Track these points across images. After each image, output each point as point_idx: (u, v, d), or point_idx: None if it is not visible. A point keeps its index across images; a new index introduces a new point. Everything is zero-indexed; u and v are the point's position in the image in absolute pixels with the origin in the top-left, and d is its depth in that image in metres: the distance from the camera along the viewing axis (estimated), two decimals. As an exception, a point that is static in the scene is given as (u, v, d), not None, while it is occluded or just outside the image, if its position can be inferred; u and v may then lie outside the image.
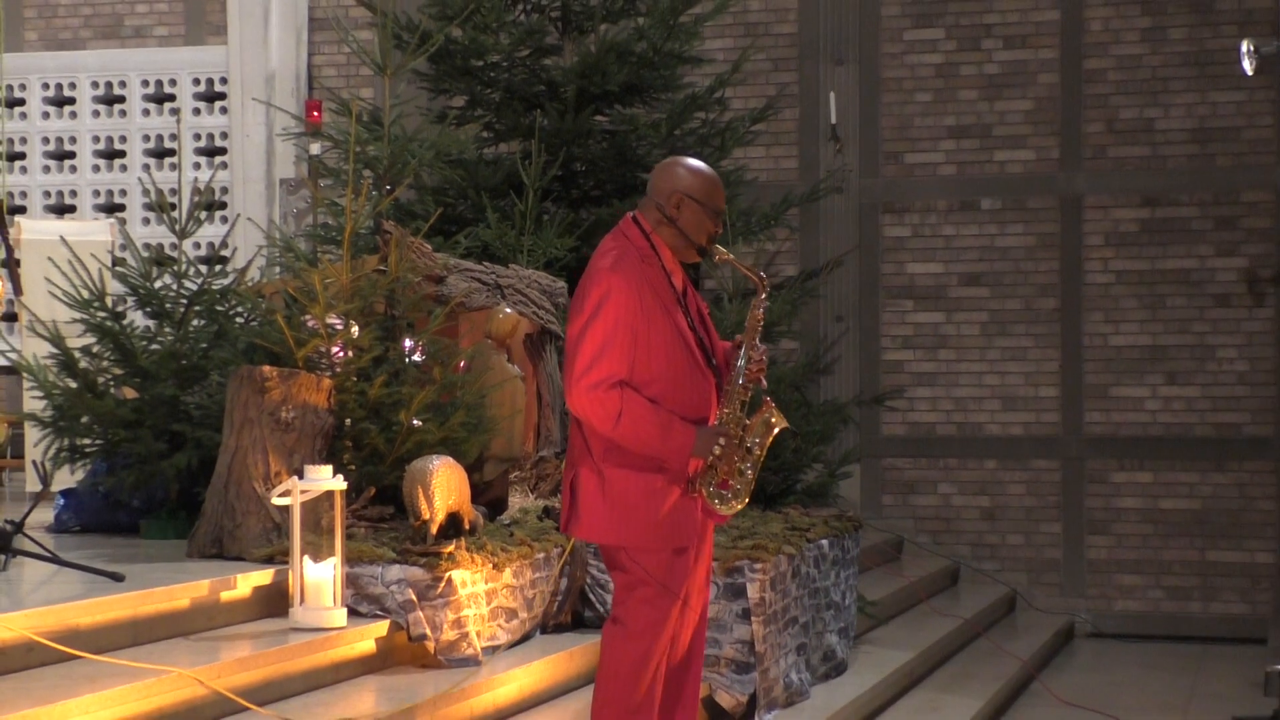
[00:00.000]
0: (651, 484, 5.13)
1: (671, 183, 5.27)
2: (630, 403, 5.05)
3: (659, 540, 5.15)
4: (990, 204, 12.33)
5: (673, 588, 5.18)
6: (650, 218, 5.27)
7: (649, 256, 5.21)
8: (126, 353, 7.58)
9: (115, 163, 13.62)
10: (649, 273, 5.18)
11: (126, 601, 5.72)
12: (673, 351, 5.15)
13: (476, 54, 10.07)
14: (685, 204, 5.23)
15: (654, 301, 5.14)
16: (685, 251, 5.27)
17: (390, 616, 6.34)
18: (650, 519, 5.13)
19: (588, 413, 5.09)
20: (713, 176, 5.31)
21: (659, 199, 5.26)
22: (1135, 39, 12.10)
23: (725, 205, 5.35)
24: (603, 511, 5.16)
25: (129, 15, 13.73)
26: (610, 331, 5.06)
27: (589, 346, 5.07)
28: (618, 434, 5.07)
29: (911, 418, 12.38)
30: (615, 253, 5.19)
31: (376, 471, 7.00)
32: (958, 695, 8.89)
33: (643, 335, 5.10)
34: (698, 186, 5.25)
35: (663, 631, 5.20)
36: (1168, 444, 11.95)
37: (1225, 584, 11.82)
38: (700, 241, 5.26)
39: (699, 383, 5.21)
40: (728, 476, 5.20)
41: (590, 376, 5.05)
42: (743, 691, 7.18)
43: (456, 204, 9.79)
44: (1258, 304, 11.84)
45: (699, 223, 5.24)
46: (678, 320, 5.19)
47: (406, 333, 7.38)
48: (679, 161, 5.34)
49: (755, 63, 12.20)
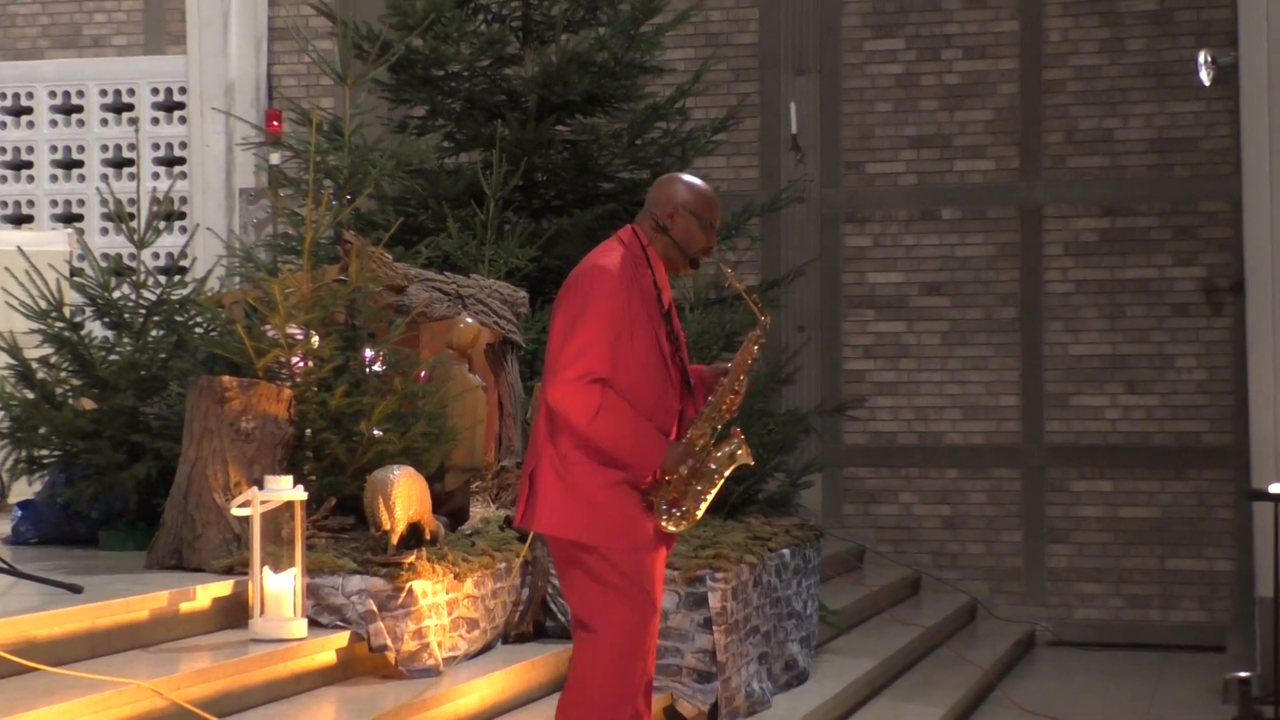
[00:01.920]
0: (613, 481, 5.13)
1: (668, 194, 5.36)
2: (610, 401, 5.07)
3: (617, 539, 5.13)
4: (951, 214, 12.37)
5: (640, 590, 5.16)
6: (647, 228, 5.35)
7: (643, 265, 5.27)
8: (85, 363, 7.53)
9: (73, 172, 13.55)
10: (641, 281, 5.23)
11: (85, 613, 5.69)
12: (649, 363, 5.19)
13: (437, 64, 10.06)
14: (679, 214, 5.31)
15: (641, 310, 5.19)
16: (678, 262, 5.36)
17: (351, 627, 6.32)
18: (608, 516, 5.12)
19: (566, 404, 5.09)
20: (709, 192, 5.41)
21: (655, 210, 5.34)
22: (1094, 50, 12.16)
23: (720, 222, 5.44)
24: (562, 505, 5.15)
25: (87, 25, 13.66)
26: (600, 327, 5.10)
27: (578, 339, 5.10)
28: (592, 430, 5.07)
29: (873, 427, 12.40)
30: (616, 252, 5.26)
31: (337, 482, 6.98)
32: (919, 704, 8.91)
33: (626, 336, 5.14)
34: (693, 199, 5.34)
35: (640, 631, 5.16)
36: (1127, 453, 12.00)
37: (1185, 592, 11.87)
38: (693, 252, 5.34)
39: (667, 399, 5.24)
40: (679, 496, 5.20)
41: (575, 369, 5.07)
42: (704, 701, 7.18)
43: (417, 214, 9.77)
44: (1216, 313, 11.90)
45: (691, 234, 5.31)
46: (659, 337, 5.24)
47: (367, 343, 7.36)
48: (678, 176, 5.45)
49: (716, 73, 12.21)
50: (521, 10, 10.21)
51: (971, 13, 12.34)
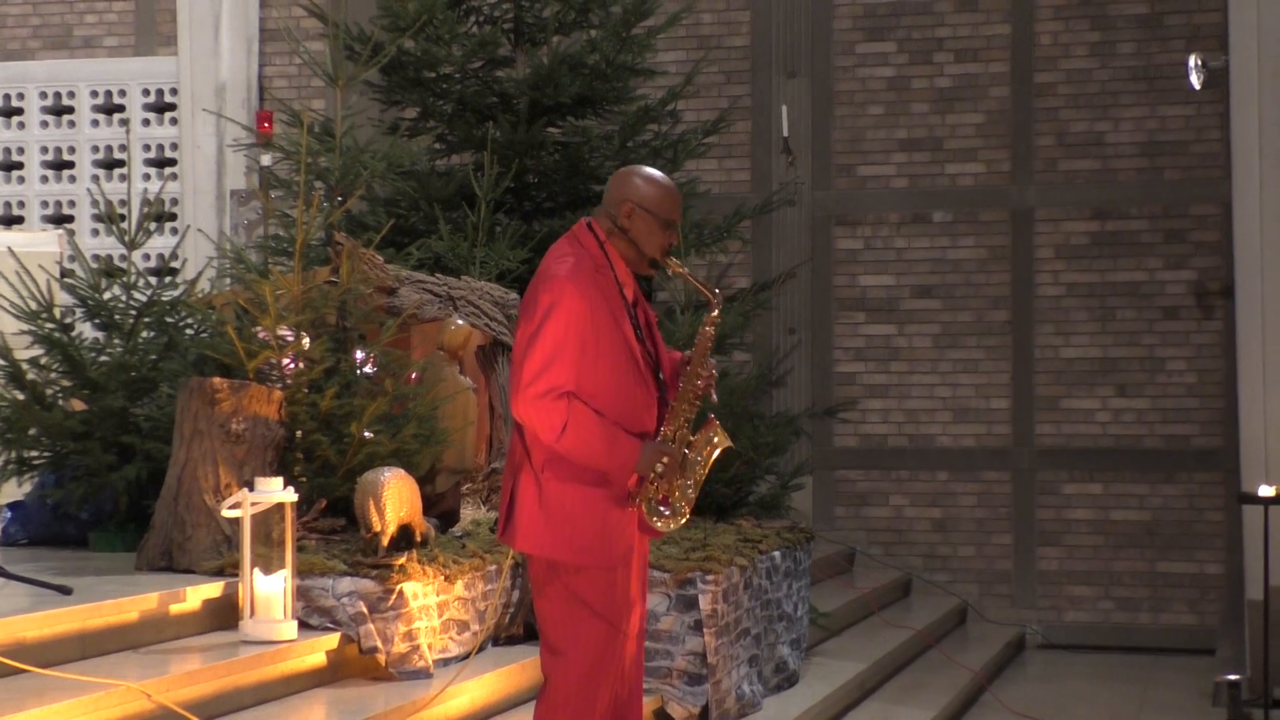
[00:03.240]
0: (590, 497, 5.02)
1: (624, 191, 5.13)
2: (576, 414, 4.94)
3: (595, 556, 5.03)
4: (942, 217, 12.38)
5: (612, 614, 5.08)
6: (603, 226, 5.14)
7: (602, 266, 5.09)
8: (75, 364, 7.53)
9: (64, 174, 13.54)
10: (601, 282, 5.06)
11: (75, 615, 5.68)
12: (619, 363, 5.04)
13: (429, 65, 10.05)
14: (636, 214, 5.10)
15: (604, 311, 5.02)
16: (638, 263, 5.14)
17: (341, 629, 6.31)
18: (587, 532, 5.01)
19: (533, 422, 4.98)
20: (668, 186, 5.16)
21: (612, 208, 5.13)
22: (1085, 53, 12.18)
23: (680, 217, 5.21)
24: (541, 524, 5.04)
25: (78, 25, 13.65)
26: (560, 340, 4.94)
27: (538, 355, 4.95)
28: (562, 446, 4.95)
29: (863, 430, 12.41)
30: (570, 259, 5.06)
31: (328, 483, 6.97)
32: (909, 706, 8.91)
33: (591, 345, 4.98)
34: (650, 196, 5.12)
35: (607, 656, 5.09)
36: (1118, 456, 12.01)
37: (1175, 595, 11.89)
38: (652, 254, 5.13)
39: (643, 396, 5.11)
40: (667, 494, 5.11)
41: (537, 386, 4.93)
42: (695, 703, 7.18)
43: (408, 215, 9.76)
44: (1206, 317, 11.92)
45: (650, 234, 5.11)
46: (626, 332, 5.07)
47: (358, 344, 7.36)
48: (634, 170, 5.21)
49: (708, 75, 12.22)
50: (513, 12, 10.21)
51: (963, 16, 12.36)
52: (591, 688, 5.10)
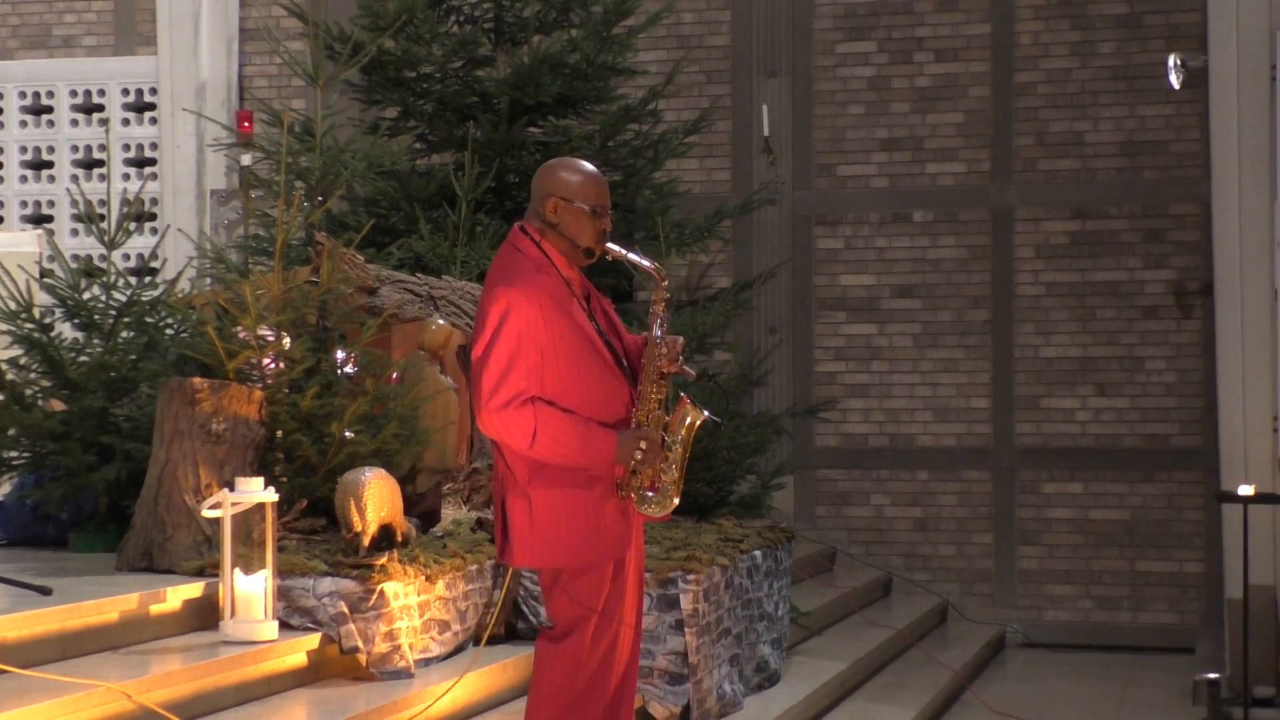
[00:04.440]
0: (579, 498, 5.03)
1: (547, 187, 5.11)
2: (544, 417, 4.92)
3: (588, 557, 5.05)
4: (922, 216, 12.39)
5: (609, 611, 5.11)
6: (535, 226, 5.13)
7: (544, 266, 5.07)
8: (54, 364, 7.51)
9: (43, 173, 13.50)
10: (546, 281, 5.04)
11: (54, 615, 5.67)
12: (581, 358, 5.02)
13: (409, 65, 10.04)
14: (562, 206, 5.07)
15: (555, 310, 5.00)
16: (574, 255, 5.11)
17: (322, 629, 6.30)
18: (579, 533, 5.02)
19: (501, 434, 4.96)
20: (589, 173, 5.13)
21: (537, 205, 5.12)
22: (1065, 53, 12.20)
23: (608, 201, 5.16)
24: (533, 537, 5.05)
25: (57, 25, 13.61)
26: (514, 349, 4.93)
27: (494, 367, 4.93)
28: (536, 452, 4.94)
29: (844, 429, 12.42)
30: (509, 267, 5.05)
31: (308, 483, 6.96)
32: (890, 705, 8.92)
33: (548, 347, 4.96)
34: (572, 186, 5.09)
35: (597, 650, 5.11)
36: (1098, 455, 12.04)
37: (1154, 594, 11.92)
38: (587, 243, 5.10)
39: (613, 386, 5.09)
40: (654, 479, 5.11)
41: (498, 397, 4.92)
42: (676, 703, 7.19)
43: (389, 215, 9.76)
44: (1186, 316, 11.95)
45: (580, 224, 5.09)
46: (583, 326, 5.06)
47: (339, 344, 7.34)
48: (554, 164, 5.18)
49: (688, 75, 12.22)
50: (494, 12, 10.21)
51: (943, 16, 12.37)
52: (593, 683, 5.12)
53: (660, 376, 5.12)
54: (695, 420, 5.17)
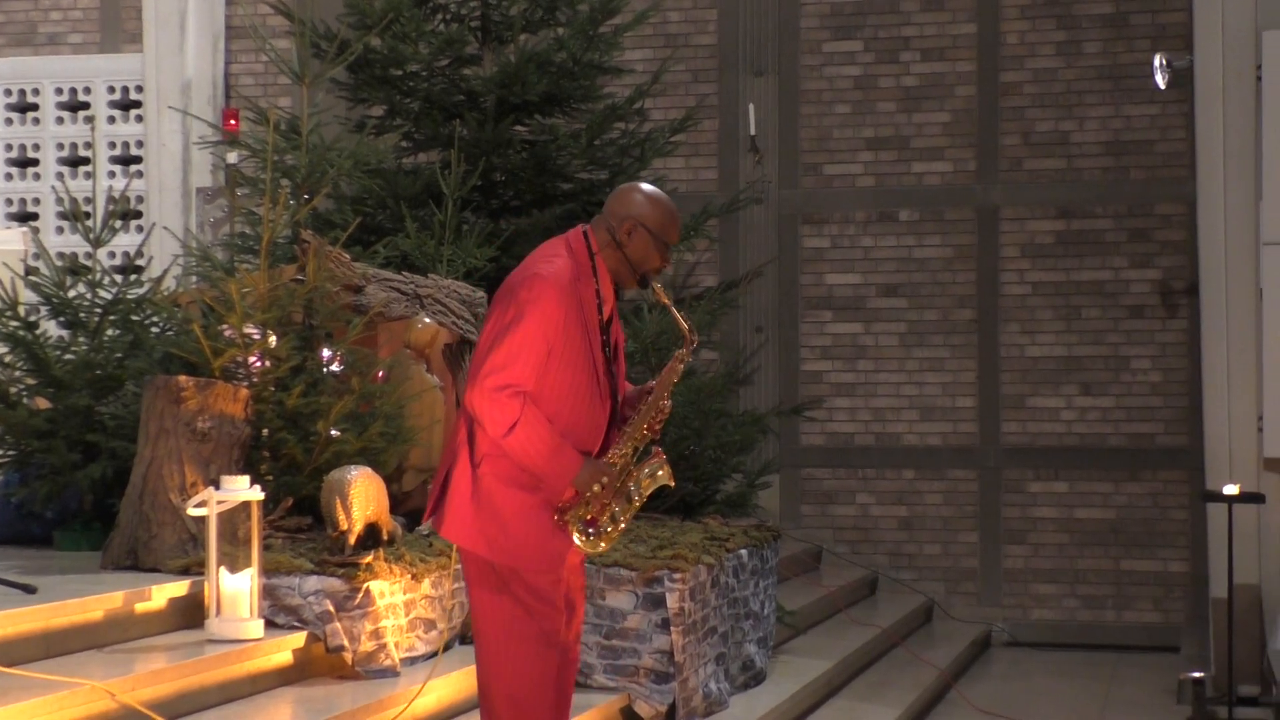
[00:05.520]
0: (521, 501, 4.99)
1: (628, 208, 5.13)
2: (528, 415, 4.91)
3: (522, 560, 5.00)
4: (908, 215, 12.41)
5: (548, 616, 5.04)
6: (600, 238, 5.13)
7: (587, 276, 5.07)
8: (40, 362, 7.49)
9: (28, 171, 13.47)
10: (582, 292, 5.04)
11: (39, 614, 5.66)
12: (579, 377, 5.01)
13: (395, 63, 10.03)
14: (637, 231, 5.10)
15: (578, 323, 5.00)
16: (627, 279, 5.14)
17: (307, 628, 6.30)
18: (515, 536, 4.98)
19: (484, 413, 4.94)
20: (672, 209, 5.18)
21: (613, 221, 5.12)
22: (1051, 53, 12.22)
23: (679, 241, 5.24)
24: (470, 516, 5.01)
25: (43, 22, 13.59)
26: (530, 340, 4.92)
27: (504, 349, 4.92)
28: (507, 442, 4.93)
29: (830, 428, 12.43)
30: (558, 262, 5.04)
31: (294, 482, 6.96)
32: (876, 704, 8.93)
33: (557, 352, 4.96)
34: (654, 217, 5.12)
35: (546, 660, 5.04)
36: (1083, 454, 12.06)
37: (1139, 593, 11.94)
38: (645, 270, 5.14)
39: (595, 412, 5.08)
40: (597, 516, 5.06)
41: (497, 378, 4.90)
42: (662, 701, 7.19)
43: (375, 213, 9.75)
44: (1171, 315, 11.97)
45: (647, 253, 5.12)
46: (594, 348, 5.06)
47: (325, 342, 7.34)
48: (639, 187, 5.21)
49: (675, 74, 12.22)
50: (480, 10, 10.20)
51: (929, 15, 12.39)
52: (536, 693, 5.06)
53: (650, 428, 5.12)
54: (663, 480, 5.14)
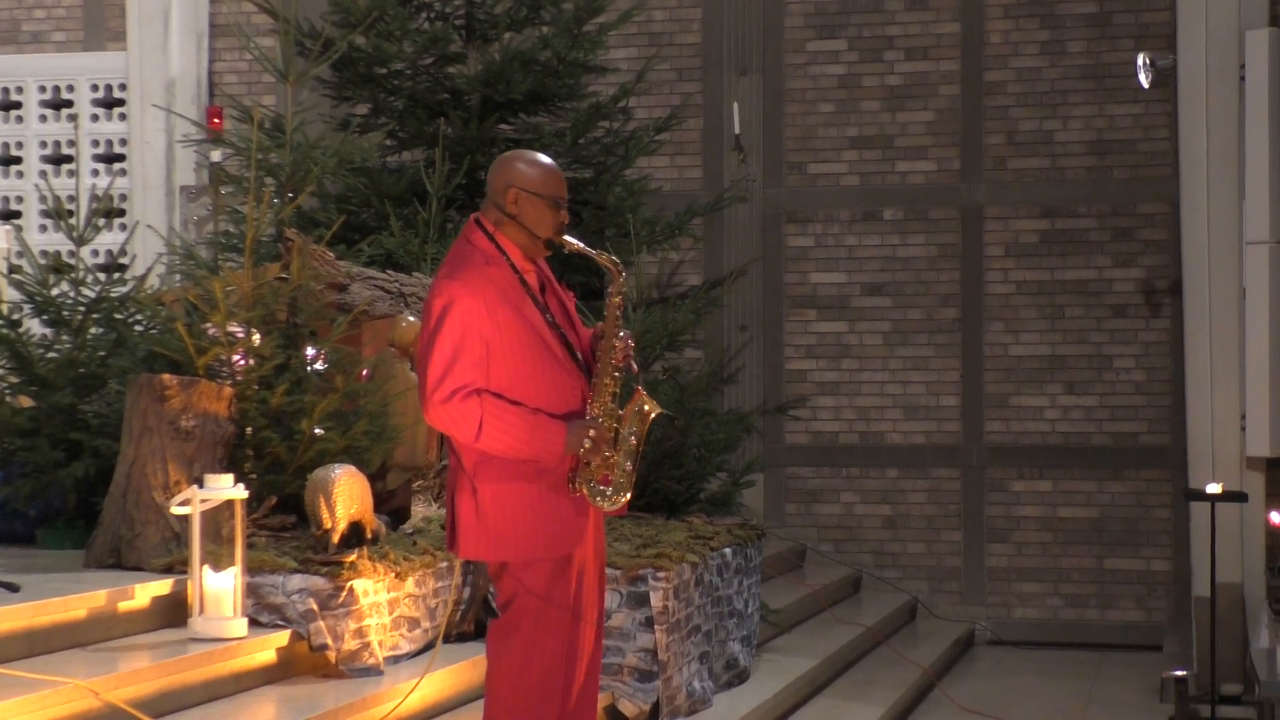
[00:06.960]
0: (526, 492, 5.02)
1: (505, 178, 5.13)
2: (490, 409, 4.93)
3: (536, 550, 5.04)
4: (892, 214, 12.42)
5: (565, 605, 5.09)
6: (491, 217, 5.14)
7: (494, 258, 5.08)
8: (23, 360, 7.48)
9: (12, 169, 13.44)
10: (495, 275, 5.05)
11: (22, 612, 5.65)
12: (531, 352, 5.02)
13: (380, 62, 10.03)
14: (522, 197, 5.10)
15: (501, 303, 5.01)
16: (532, 247, 5.13)
17: (291, 626, 6.29)
18: (525, 527, 5.02)
19: (448, 427, 4.96)
20: (548, 166, 5.16)
21: (496, 197, 5.13)
22: (1035, 52, 12.24)
23: (566, 194, 5.21)
24: (478, 530, 5.05)
25: (26, 20, 13.55)
26: (457, 342, 4.94)
27: (437, 360, 4.94)
28: (483, 443, 4.95)
29: (814, 427, 12.44)
30: (456, 259, 5.07)
31: (278, 480, 6.95)
32: (859, 702, 8.94)
33: (495, 340, 4.97)
34: (532, 178, 5.11)
35: (547, 643, 5.09)
36: (1066, 453, 12.08)
37: (1122, 591, 11.96)
38: (546, 234, 5.12)
39: (565, 381, 5.09)
40: (606, 471, 5.10)
41: (442, 390, 4.93)
42: (646, 700, 7.19)
43: (360, 212, 9.74)
44: (1154, 314, 12.00)
45: (540, 215, 5.11)
46: (533, 320, 5.06)
47: (309, 341, 7.33)
48: (514, 155, 5.21)
49: (659, 72, 12.23)
50: (465, 9, 10.20)
51: (913, 14, 12.40)
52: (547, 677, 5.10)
53: (614, 370, 5.13)
54: (650, 412, 5.17)
